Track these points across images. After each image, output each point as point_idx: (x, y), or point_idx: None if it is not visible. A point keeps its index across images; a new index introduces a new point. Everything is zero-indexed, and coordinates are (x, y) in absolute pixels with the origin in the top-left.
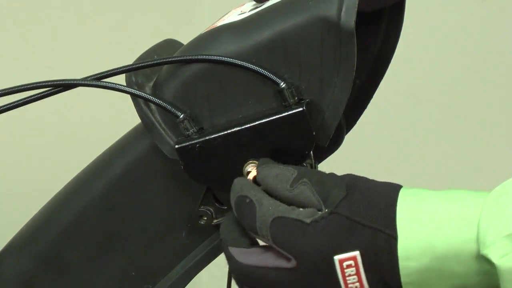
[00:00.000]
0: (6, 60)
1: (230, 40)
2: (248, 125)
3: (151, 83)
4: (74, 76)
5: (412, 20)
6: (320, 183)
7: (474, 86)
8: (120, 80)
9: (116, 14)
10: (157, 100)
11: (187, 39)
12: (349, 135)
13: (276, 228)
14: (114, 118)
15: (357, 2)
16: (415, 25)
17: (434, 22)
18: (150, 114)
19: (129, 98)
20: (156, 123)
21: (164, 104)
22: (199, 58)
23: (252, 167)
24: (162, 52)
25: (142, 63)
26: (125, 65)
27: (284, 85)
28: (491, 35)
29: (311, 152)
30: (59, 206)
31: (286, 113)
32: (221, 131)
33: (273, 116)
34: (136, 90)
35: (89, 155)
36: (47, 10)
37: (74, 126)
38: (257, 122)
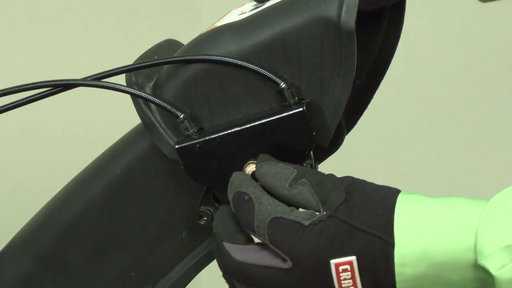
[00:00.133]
0: (6, 60)
1: (230, 40)
2: (248, 125)
3: (151, 83)
4: (74, 76)
5: (412, 20)
6: (319, 184)
7: (474, 86)
8: (120, 80)
9: (116, 14)
10: (157, 100)
11: (187, 39)
12: (349, 136)
13: (274, 228)
14: (114, 118)
15: (357, 2)
16: (415, 25)
17: (434, 22)
18: (150, 114)
19: (129, 98)
20: (156, 123)
21: (164, 104)
22: (199, 58)
23: (252, 167)
24: (162, 52)
25: (142, 63)
26: (125, 65)
27: (284, 85)
28: (491, 35)
29: (311, 152)
30: (59, 206)
31: (286, 113)
32: (221, 131)
33: (273, 116)
34: (136, 90)
35: (89, 155)
36: (47, 10)
37: (74, 126)
38: (257, 122)
